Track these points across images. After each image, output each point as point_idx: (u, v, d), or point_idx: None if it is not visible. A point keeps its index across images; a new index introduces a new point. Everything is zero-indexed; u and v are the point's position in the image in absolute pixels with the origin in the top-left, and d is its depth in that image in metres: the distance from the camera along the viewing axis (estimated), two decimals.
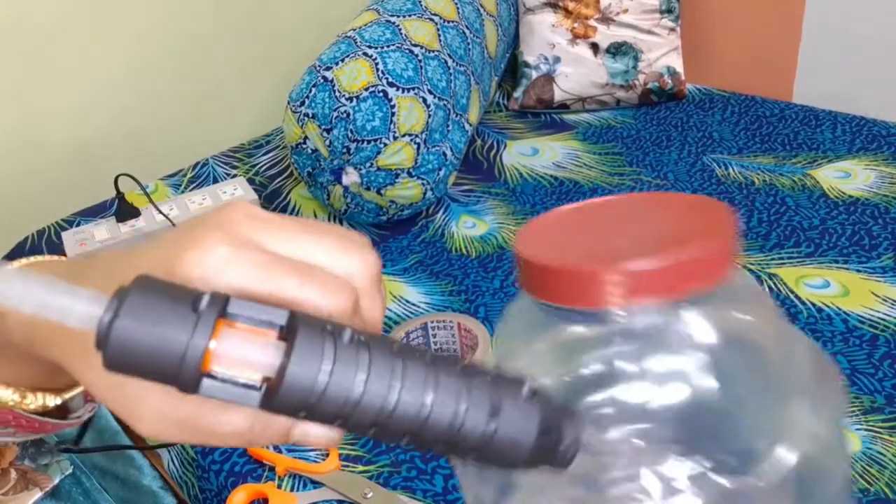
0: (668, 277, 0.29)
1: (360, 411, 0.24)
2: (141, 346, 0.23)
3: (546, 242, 0.33)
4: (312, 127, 1.16)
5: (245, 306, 0.24)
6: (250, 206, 0.27)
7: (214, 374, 0.23)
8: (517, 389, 0.26)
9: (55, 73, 1.29)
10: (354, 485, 0.76)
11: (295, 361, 0.23)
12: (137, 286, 0.23)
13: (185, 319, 0.23)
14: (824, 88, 1.56)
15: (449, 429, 0.25)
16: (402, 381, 0.24)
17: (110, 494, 0.84)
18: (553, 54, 1.56)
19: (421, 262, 1.14)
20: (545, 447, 0.26)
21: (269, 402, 0.24)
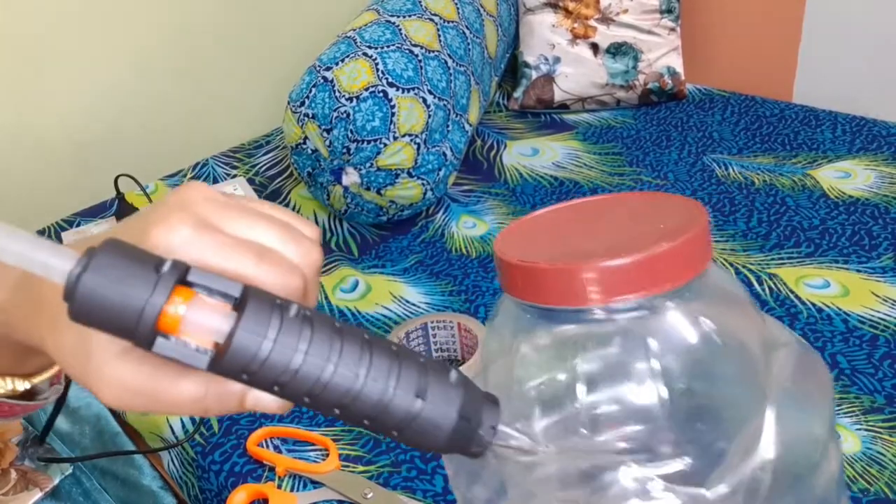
0: (642, 273, 0.29)
1: (298, 380, 0.26)
2: (104, 299, 0.25)
3: (524, 244, 0.34)
4: (312, 127, 1.16)
5: (204, 277, 0.26)
6: (207, 189, 0.29)
7: (168, 335, 0.25)
8: (444, 375, 0.28)
9: (55, 73, 1.29)
10: (354, 485, 0.76)
11: (242, 327, 0.25)
12: (106, 246, 0.25)
13: (147, 279, 0.25)
14: (824, 88, 1.56)
15: (377, 405, 0.27)
16: (339, 356, 0.26)
17: (110, 494, 0.84)
18: (553, 54, 1.56)
19: (421, 262, 1.14)
20: (463, 432, 0.28)
21: (216, 365, 0.26)
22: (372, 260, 1.17)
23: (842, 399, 0.83)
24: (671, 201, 0.35)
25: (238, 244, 0.28)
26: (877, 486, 0.73)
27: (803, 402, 0.32)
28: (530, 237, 0.35)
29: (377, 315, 1.03)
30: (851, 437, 0.78)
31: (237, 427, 0.87)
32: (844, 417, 0.80)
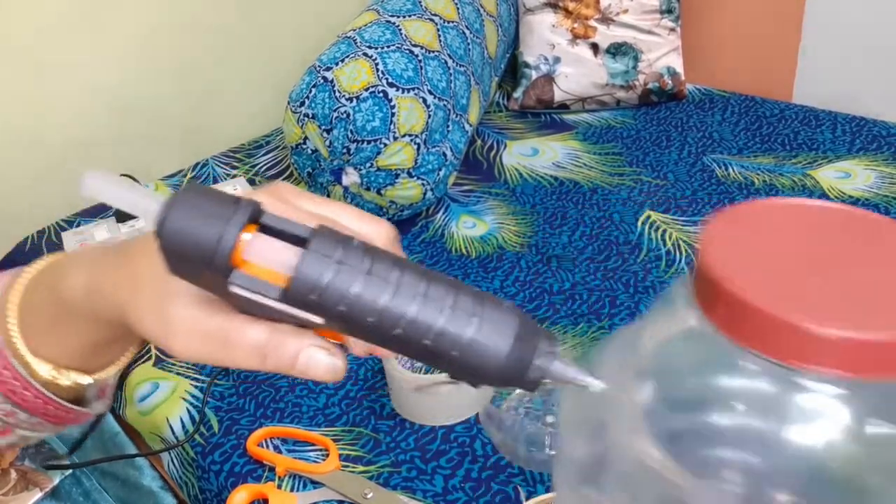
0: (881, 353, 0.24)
1: (362, 303, 0.27)
2: (187, 234, 0.27)
3: (745, 262, 0.28)
4: (312, 127, 1.16)
5: (276, 219, 0.28)
6: (291, 185, 0.34)
7: (242, 270, 0.28)
8: (499, 302, 0.29)
9: (55, 73, 1.29)
10: (354, 485, 0.76)
11: (309, 253, 0.27)
12: (187, 188, 0.28)
13: (224, 213, 0.27)
14: (824, 88, 1.56)
15: (433, 329, 0.28)
16: (399, 279, 0.28)
17: (110, 495, 0.84)
18: (553, 54, 1.56)
19: (421, 262, 1.14)
20: (518, 358, 0.28)
21: (285, 296, 0.28)
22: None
23: None
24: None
25: (309, 215, 0.31)
26: None
27: None
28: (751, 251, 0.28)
29: None
30: None
31: (237, 427, 0.87)
32: None
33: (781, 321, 0.25)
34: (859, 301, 0.26)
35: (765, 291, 0.26)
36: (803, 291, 0.26)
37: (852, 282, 0.27)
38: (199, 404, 0.91)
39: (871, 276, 0.27)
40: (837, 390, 0.26)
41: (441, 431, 0.83)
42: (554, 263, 1.11)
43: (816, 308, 0.25)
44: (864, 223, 0.30)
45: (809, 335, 0.24)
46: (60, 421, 0.42)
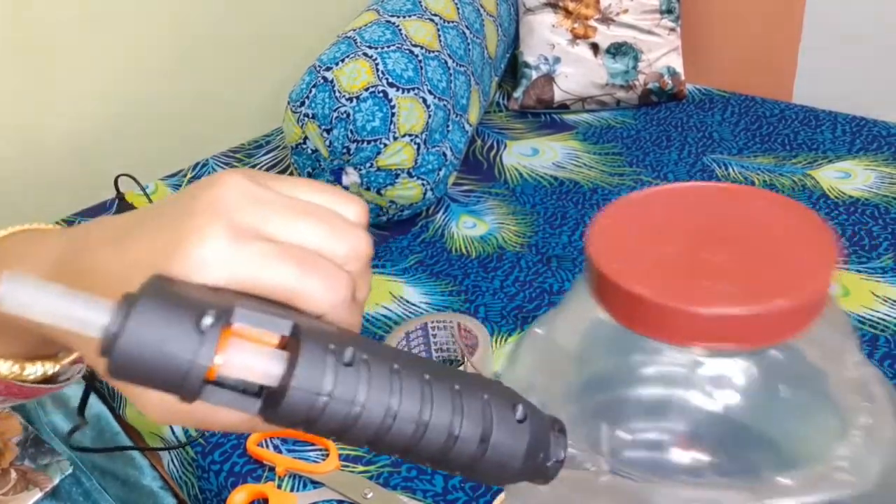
0: (758, 325, 0.27)
1: (357, 431, 0.25)
2: (145, 360, 0.23)
3: (624, 247, 0.30)
4: (312, 127, 1.16)
5: (249, 318, 0.24)
6: (244, 182, 0.27)
7: (216, 384, 0.24)
8: (509, 412, 0.26)
9: (55, 72, 1.29)
10: (354, 485, 0.76)
11: (296, 383, 0.24)
12: (144, 296, 0.23)
13: (190, 336, 0.23)
14: (824, 88, 1.56)
15: (441, 449, 0.25)
16: (398, 404, 0.25)
17: (110, 494, 0.84)
18: (553, 54, 1.56)
19: (421, 262, 1.14)
20: (530, 468, 0.27)
21: (268, 413, 0.25)
22: (372, 260, 1.16)
23: None
24: (797, 217, 0.30)
25: (278, 255, 0.26)
26: None
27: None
28: (630, 238, 0.31)
29: (377, 315, 1.03)
30: None
31: None
32: None
33: (664, 307, 0.27)
34: (734, 277, 0.28)
35: (647, 279, 0.28)
36: (683, 275, 0.28)
37: (728, 259, 0.29)
38: None
39: (743, 251, 0.29)
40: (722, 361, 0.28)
41: None
42: (554, 263, 1.11)
43: (694, 290, 0.27)
44: (739, 198, 0.32)
45: (688, 316, 0.27)
46: (33, 395, 0.39)
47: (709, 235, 0.30)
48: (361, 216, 0.30)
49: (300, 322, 0.25)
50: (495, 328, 0.98)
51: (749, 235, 0.30)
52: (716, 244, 0.30)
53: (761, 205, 0.32)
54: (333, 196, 0.29)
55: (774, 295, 0.27)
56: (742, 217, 0.31)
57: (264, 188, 0.27)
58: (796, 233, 0.30)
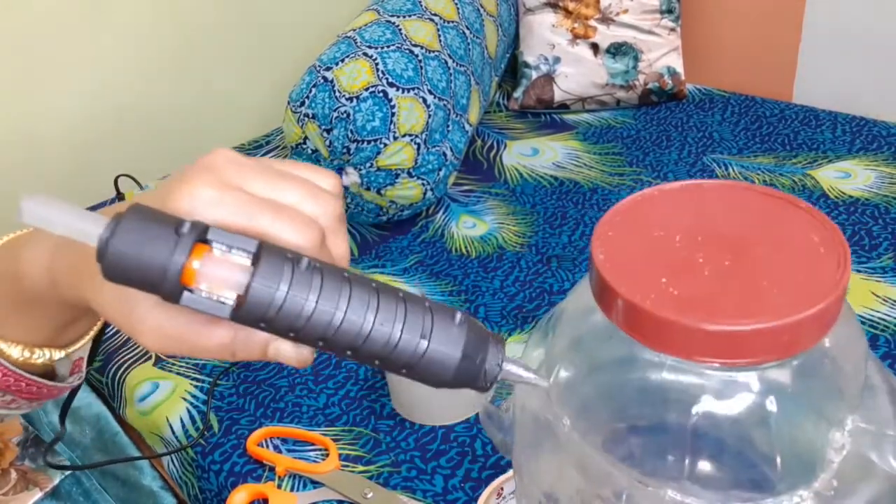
0: (770, 340, 0.26)
1: (310, 326, 0.28)
2: (131, 260, 0.27)
3: (629, 257, 0.30)
4: (312, 127, 1.16)
5: (221, 234, 0.28)
6: (231, 153, 0.31)
7: (192, 289, 0.28)
8: (448, 316, 0.30)
9: (55, 72, 1.29)
10: (354, 485, 0.76)
11: (257, 280, 0.28)
12: (130, 211, 0.28)
13: (168, 239, 0.27)
14: (824, 88, 1.56)
15: (385, 346, 0.29)
16: (347, 302, 0.29)
17: (110, 494, 0.84)
18: (553, 54, 1.56)
19: (421, 262, 1.14)
20: (468, 368, 0.30)
21: (236, 314, 0.28)
22: (372, 260, 1.17)
23: None
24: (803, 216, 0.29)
25: (257, 202, 0.30)
26: None
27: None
28: (636, 245, 0.30)
29: None
30: None
31: (237, 427, 0.87)
32: None
33: (667, 321, 0.27)
34: (741, 287, 0.27)
35: (651, 291, 0.28)
36: (686, 287, 0.28)
37: (734, 265, 0.28)
38: (199, 404, 0.91)
39: (750, 255, 0.29)
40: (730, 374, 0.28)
41: (441, 431, 0.83)
42: (554, 263, 1.11)
43: (697, 304, 0.27)
44: (746, 196, 0.32)
45: (694, 332, 0.27)
46: (35, 397, 0.43)
47: (715, 238, 0.30)
48: (335, 186, 0.34)
49: (264, 241, 0.29)
50: (495, 328, 0.98)
51: (756, 237, 0.30)
52: (723, 247, 0.29)
53: (768, 204, 0.31)
54: (309, 169, 0.33)
55: (784, 308, 0.26)
56: (749, 217, 0.31)
57: (250, 159, 0.32)
58: (803, 234, 0.29)
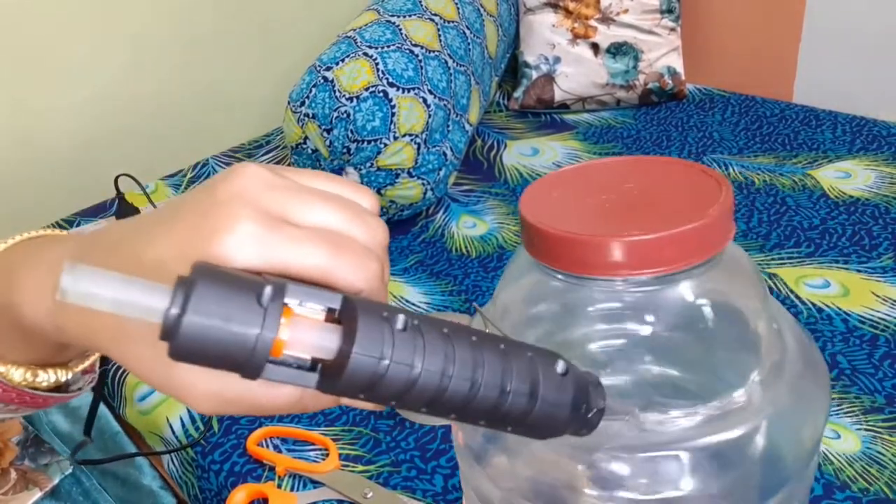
0: (667, 249, 0.30)
1: (415, 394, 0.25)
2: (210, 339, 0.23)
3: (550, 205, 0.34)
4: (312, 127, 1.16)
5: (301, 292, 0.25)
6: (261, 171, 0.27)
7: (276, 360, 0.25)
8: (552, 368, 0.28)
9: (54, 72, 1.29)
10: (354, 485, 0.76)
11: (358, 349, 0.24)
12: (201, 277, 0.23)
13: (252, 312, 0.23)
14: (824, 88, 1.56)
15: (493, 408, 0.27)
16: (453, 365, 0.26)
17: (110, 494, 0.84)
18: (553, 54, 1.56)
19: (421, 262, 1.14)
20: (576, 420, 0.28)
21: (327, 385, 0.25)
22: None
23: (842, 399, 0.83)
24: (695, 171, 0.35)
25: (308, 235, 0.26)
26: (877, 486, 0.73)
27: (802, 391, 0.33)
28: (555, 198, 0.35)
29: None
30: (851, 437, 0.78)
31: (237, 427, 0.87)
32: (844, 417, 0.80)
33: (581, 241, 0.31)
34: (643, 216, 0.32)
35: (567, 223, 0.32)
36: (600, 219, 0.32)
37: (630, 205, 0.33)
38: None
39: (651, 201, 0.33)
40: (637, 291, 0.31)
41: (441, 431, 0.83)
42: None
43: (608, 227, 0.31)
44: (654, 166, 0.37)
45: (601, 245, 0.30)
46: (44, 405, 0.39)
47: (624, 193, 0.35)
48: (374, 206, 0.30)
49: (348, 295, 0.26)
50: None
51: (657, 191, 0.34)
52: (629, 195, 0.34)
53: (669, 167, 0.36)
54: (348, 186, 0.30)
55: (679, 221, 0.30)
56: (653, 179, 0.36)
57: (283, 178, 0.28)
58: (694, 182, 0.34)
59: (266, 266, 0.26)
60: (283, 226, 0.26)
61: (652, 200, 0.33)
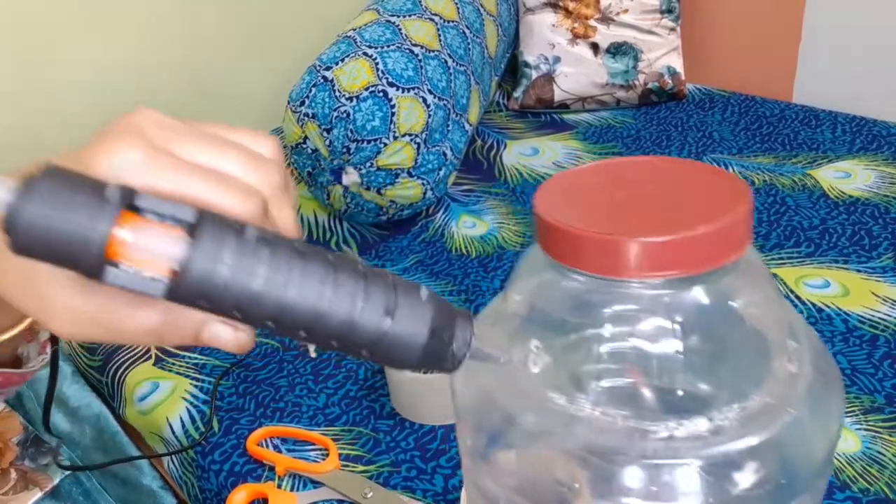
0: (687, 251, 0.29)
1: (259, 304, 0.25)
2: (47, 230, 0.23)
3: (566, 203, 0.34)
4: (312, 127, 1.16)
5: (153, 201, 0.24)
6: (157, 114, 0.28)
7: (119, 264, 0.24)
8: (414, 292, 0.27)
9: (54, 72, 1.29)
10: (354, 485, 0.76)
11: (197, 252, 0.24)
12: (45, 173, 0.23)
13: (91, 205, 0.23)
14: (824, 88, 1.56)
15: (344, 324, 0.26)
16: (301, 277, 0.25)
17: (110, 494, 0.84)
18: (553, 54, 1.56)
19: (421, 262, 1.14)
20: (436, 348, 0.27)
21: (172, 293, 0.25)
22: (372, 260, 1.17)
23: None
24: (717, 175, 0.34)
25: (189, 167, 0.26)
26: (877, 486, 0.73)
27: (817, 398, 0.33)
28: (572, 197, 0.34)
29: None
30: (851, 437, 0.78)
31: (237, 427, 0.87)
32: (845, 417, 0.81)
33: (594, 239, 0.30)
34: (659, 216, 0.32)
35: (582, 222, 0.31)
36: (614, 218, 0.32)
37: (648, 206, 0.33)
38: (199, 404, 0.91)
39: (668, 201, 0.33)
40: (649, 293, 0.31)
41: (441, 431, 0.83)
42: None
43: (622, 227, 0.30)
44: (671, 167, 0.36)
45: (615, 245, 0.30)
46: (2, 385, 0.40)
47: (641, 194, 0.34)
48: (275, 151, 0.30)
49: (203, 210, 0.25)
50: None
51: (674, 193, 0.34)
52: (647, 199, 0.34)
53: (687, 171, 0.36)
54: (245, 133, 0.30)
55: (695, 225, 0.29)
56: (670, 181, 0.35)
57: (179, 121, 0.28)
58: (713, 185, 0.33)
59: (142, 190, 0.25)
60: (167, 156, 0.26)
61: (669, 202, 0.33)
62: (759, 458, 0.30)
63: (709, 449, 0.30)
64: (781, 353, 0.33)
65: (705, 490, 0.30)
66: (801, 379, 0.32)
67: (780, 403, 0.31)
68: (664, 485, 0.30)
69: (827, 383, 0.33)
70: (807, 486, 0.32)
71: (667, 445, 0.30)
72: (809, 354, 0.34)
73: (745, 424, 0.30)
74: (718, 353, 0.33)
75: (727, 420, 0.30)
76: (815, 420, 0.32)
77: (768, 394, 0.31)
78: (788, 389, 0.32)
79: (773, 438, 0.30)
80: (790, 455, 0.31)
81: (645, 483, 0.30)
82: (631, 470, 0.30)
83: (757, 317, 0.34)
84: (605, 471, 0.31)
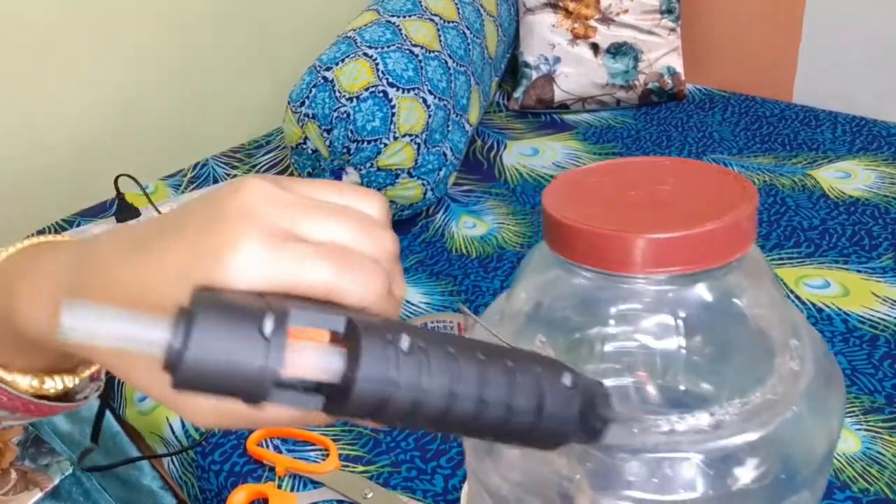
0: (693, 248, 0.30)
1: (421, 415, 0.25)
2: (212, 371, 0.23)
3: (574, 201, 0.34)
4: (312, 127, 1.16)
5: (305, 318, 0.25)
6: (266, 185, 0.27)
7: (279, 386, 0.24)
8: (559, 381, 0.28)
9: (55, 73, 1.29)
10: (354, 485, 0.76)
11: (363, 375, 0.24)
12: (201, 308, 0.23)
13: (255, 343, 0.23)
14: (824, 88, 1.56)
15: (499, 425, 0.27)
16: (459, 383, 0.25)
17: (110, 494, 0.84)
18: (553, 54, 1.56)
19: (421, 262, 1.14)
20: (583, 430, 0.28)
21: (332, 408, 0.25)
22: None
23: None
24: (723, 175, 0.35)
25: (313, 253, 0.26)
26: (877, 486, 0.73)
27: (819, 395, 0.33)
28: (580, 195, 0.35)
29: None
30: (851, 437, 0.78)
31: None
32: (845, 417, 0.80)
33: (601, 236, 0.31)
34: (666, 214, 0.32)
35: (589, 219, 0.32)
36: (622, 215, 0.32)
37: (654, 204, 0.33)
38: None
39: (674, 200, 0.34)
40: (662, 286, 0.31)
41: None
42: None
43: (629, 224, 0.31)
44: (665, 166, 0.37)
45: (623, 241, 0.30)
46: (49, 413, 0.39)
47: (648, 193, 0.35)
48: (382, 212, 0.30)
49: (352, 317, 0.25)
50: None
51: (680, 192, 0.34)
52: (654, 198, 0.34)
53: (692, 170, 0.36)
54: (355, 195, 0.29)
55: (701, 222, 0.30)
56: (676, 180, 0.35)
57: (288, 191, 0.27)
58: (721, 187, 0.34)
59: (270, 286, 0.25)
60: (288, 244, 0.26)
61: (675, 200, 0.33)
62: (759, 454, 0.31)
63: (710, 443, 0.30)
64: (784, 351, 0.33)
65: (706, 483, 0.30)
66: (802, 376, 0.32)
67: (781, 400, 0.31)
68: (665, 478, 0.30)
69: (828, 381, 0.33)
70: (807, 482, 0.32)
71: (668, 439, 0.30)
72: (811, 352, 0.34)
73: (747, 420, 0.30)
74: (722, 350, 0.33)
75: (729, 415, 0.31)
76: (815, 417, 0.32)
77: (770, 390, 0.31)
78: (790, 386, 0.32)
79: (773, 434, 0.30)
80: (791, 451, 0.32)
81: (646, 476, 0.31)
82: (632, 463, 0.31)
83: (760, 314, 0.34)
84: (607, 464, 0.31)
